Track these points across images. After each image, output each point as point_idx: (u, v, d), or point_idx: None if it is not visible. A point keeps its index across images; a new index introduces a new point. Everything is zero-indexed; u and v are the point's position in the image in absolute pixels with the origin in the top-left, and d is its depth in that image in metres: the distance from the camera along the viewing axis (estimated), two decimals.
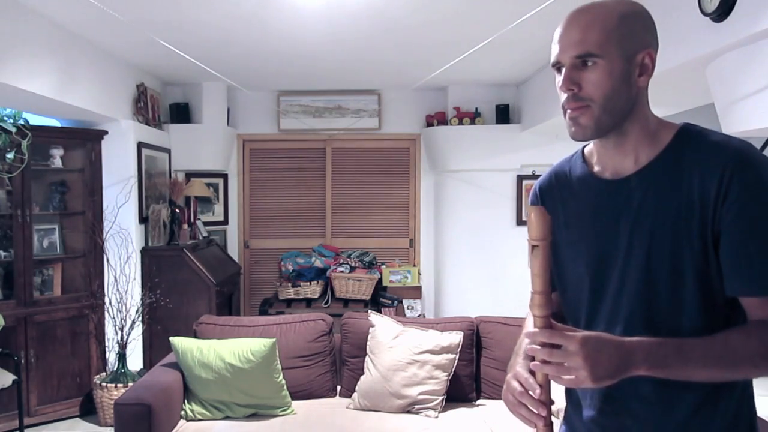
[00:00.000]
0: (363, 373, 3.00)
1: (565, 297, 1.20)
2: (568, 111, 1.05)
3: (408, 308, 4.95)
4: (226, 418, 2.85)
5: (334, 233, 5.44)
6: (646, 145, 1.06)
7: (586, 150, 1.20)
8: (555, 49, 1.06)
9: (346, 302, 4.77)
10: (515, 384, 1.05)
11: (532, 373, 1.02)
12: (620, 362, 0.93)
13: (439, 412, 2.88)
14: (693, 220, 0.99)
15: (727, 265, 0.98)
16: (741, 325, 0.99)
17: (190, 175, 5.05)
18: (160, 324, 4.23)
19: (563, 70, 1.05)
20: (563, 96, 1.05)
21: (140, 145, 4.27)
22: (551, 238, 0.97)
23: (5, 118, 3.47)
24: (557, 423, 1.20)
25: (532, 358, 1.00)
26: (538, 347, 0.97)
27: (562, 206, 1.18)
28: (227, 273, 4.72)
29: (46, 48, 3.19)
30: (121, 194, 4.07)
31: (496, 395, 3.08)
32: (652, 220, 1.02)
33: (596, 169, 1.13)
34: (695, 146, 1.02)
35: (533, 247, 0.97)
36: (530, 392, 1.02)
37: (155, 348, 4.26)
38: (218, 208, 5.35)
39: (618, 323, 1.07)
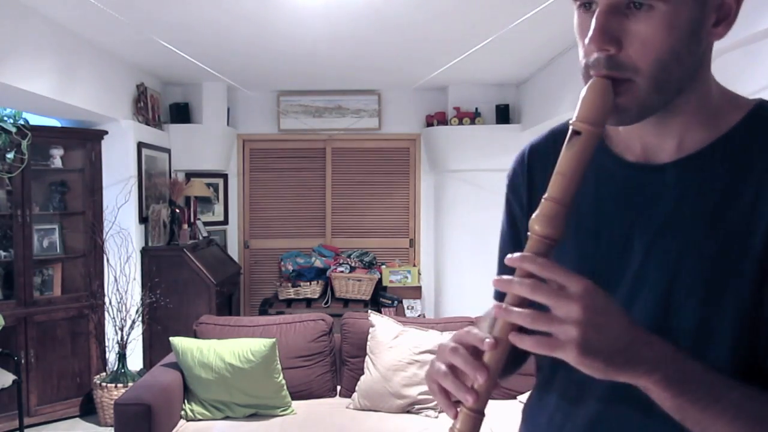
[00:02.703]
0: (363, 373, 3.00)
1: None
2: None
3: (408, 308, 4.95)
4: (226, 418, 2.85)
5: (334, 233, 5.43)
6: (699, 127, 0.71)
7: None
8: None
9: (346, 302, 4.77)
10: (450, 344, 0.68)
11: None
12: (627, 347, 0.59)
13: (439, 412, 2.88)
14: (751, 249, 0.65)
15: None
16: None
17: (190, 175, 5.05)
18: (160, 324, 4.23)
19: (596, 10, 0.66)
20: (590, 54, 0.67)
21: (140, 145, 4.27)
22: (604, 129, 0.64)
23: (5, 118, 3.47)
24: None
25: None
26: (519, 280, 0.61)
27: None
28: (227, 273, 4.72)
29: (46, 48, 3.19)
30: (121, 194, 4.06)
31: (496, 395, 3.08)
32: (686, 237, 0.69)
33: (615, 144, 0.78)
34: None
35: (574, 133, 0.64)
36: (477, 345, 0.65)
37: (155, 348, 4.26)
38: (218, 208, 5.35)
39: (599, 384, 0.67)
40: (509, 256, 0.62)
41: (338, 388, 3.16)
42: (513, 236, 0.91)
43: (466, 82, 5.01)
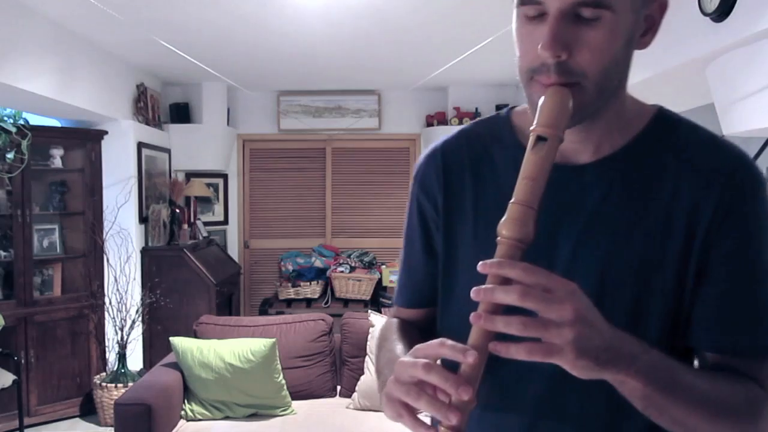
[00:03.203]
0: (363, 373, 3.00)
1: (448, 328, 0.82)
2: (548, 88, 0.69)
3: None
4: (226, 418, 2.86)
5: (334, 233, 5.43)
6: (615, 132, 0.76)
7: (515, 115, 0.84)
8: None
9: (346, 302, 4.77)
10: (418, 360, 0.62)
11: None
12: (610, 344, 0.60)
13: None
14: (673, 242, 0.72)
15: (712, 313, 0.72)
16: (717, 372, 0.72)
17: (190, 175, 5.05)
18: (160, 324, 4.23)
19: (545, 18, 0.67)
20: (536, 60, 0.68)
21: (140, 145, 4.27)
22: (562, 136, 0.65)
23: (5, 118, 3.47)
24: None
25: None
26: (503, 287, 0.58)
27: (474, 187, 0.83)
28: (227, 273, 4.72)
29: (46, 48, 3.19)
30: (121, 194, 4.06)
31: None
32: (612, 232, 0.73)
33: None
34: (681, 140, 0.76)
35: (538, 138, 0.65)
36: (454, 357, 0.60)
37: (155, 348, 4.26)
38: (218, 208, 5.35)
39: (530, 386, 0.76)
40: (483, 262, 0.60)
41: (338, 388, 3.16)
42: (424, 238, 0.91)
43: (466, 82, 5.01)
